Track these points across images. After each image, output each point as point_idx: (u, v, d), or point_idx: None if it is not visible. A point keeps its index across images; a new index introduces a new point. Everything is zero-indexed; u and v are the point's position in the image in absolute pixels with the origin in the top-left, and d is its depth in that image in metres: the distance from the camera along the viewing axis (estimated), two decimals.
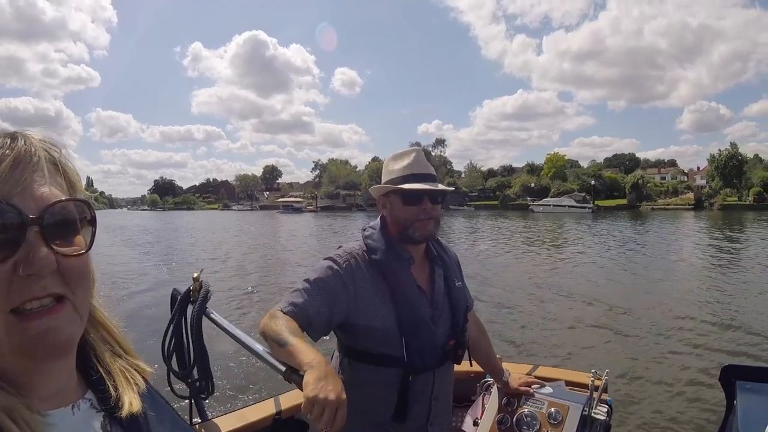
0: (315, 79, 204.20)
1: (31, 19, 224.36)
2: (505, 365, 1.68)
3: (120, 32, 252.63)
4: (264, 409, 1.74)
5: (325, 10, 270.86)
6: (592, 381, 1.53)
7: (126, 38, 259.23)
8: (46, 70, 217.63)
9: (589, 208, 57.96)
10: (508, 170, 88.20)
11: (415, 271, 1.35)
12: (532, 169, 79.48)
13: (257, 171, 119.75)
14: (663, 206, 61.35)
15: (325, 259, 1.32)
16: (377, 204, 1.41)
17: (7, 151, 0.40)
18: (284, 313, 1.18)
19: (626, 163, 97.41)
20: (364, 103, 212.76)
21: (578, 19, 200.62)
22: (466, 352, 1.44)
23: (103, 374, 0.50)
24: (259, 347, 1.22)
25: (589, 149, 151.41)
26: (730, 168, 61.44)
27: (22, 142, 0.41)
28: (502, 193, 74.43)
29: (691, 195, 63.62)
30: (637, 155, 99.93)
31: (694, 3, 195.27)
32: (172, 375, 1.54)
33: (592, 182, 67.77)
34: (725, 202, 58.14)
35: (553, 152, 77.76)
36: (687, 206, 59.71)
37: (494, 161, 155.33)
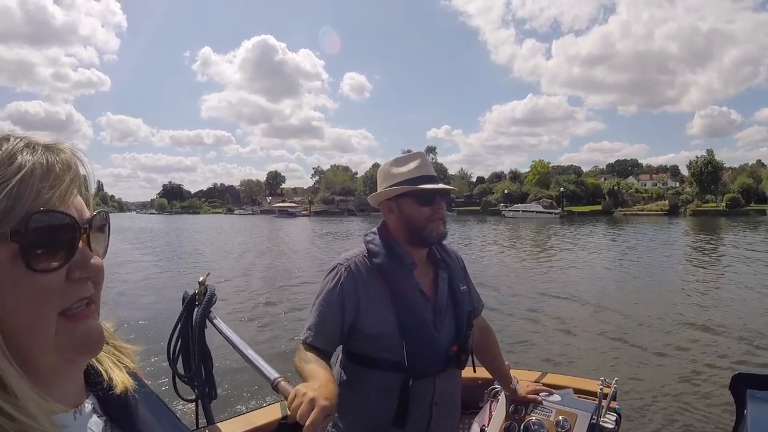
0: (324, 84, 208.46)
1: (41, 23, 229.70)
2: (512, 372, 1.67)
3: (130, 37, 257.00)
4: (270, 414, 1.74)
5: (333, 14, 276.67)
6: (601, 389, 1.52)
7: (136, 43, 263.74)
8: (56, 74, 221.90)
9: (556, 213, 60.26)
10: (499, 176, 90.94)
11: (418, 276, 1.35)
12: (515, 176, 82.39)
13: (266, 176, 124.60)
14: (636, 212, 63.14)
15: (328, 273, 1.34)
16: (381, 209, 1.40)
17: (64, 166, 0.43)
18: (305, 342, 1.27)
19: (628, 168, 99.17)
20: (373, 108, 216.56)
21: (588, 23, 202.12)
22: (470, 358, 1.45)
23: (93, 362, 0.52)
24: (252, 354, 1.27)
25: (599, 154, 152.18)
26: (706, 174, 63.11)
27: (72, 158, 0.44)
28: (485, 199, 77.18)
29: (665, 201, 65.30)
30: (640, 161, 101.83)
31: (705, 7, 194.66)
32: (177, 378, 1.57)
33: (561, 189, 70.06)
34: (697, 209, 59.81)
35: (538, 160, 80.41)
36: (661, 212, 61.37)
37: (503, 167, 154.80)
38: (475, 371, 1.54)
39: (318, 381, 1.04)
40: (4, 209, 0.39)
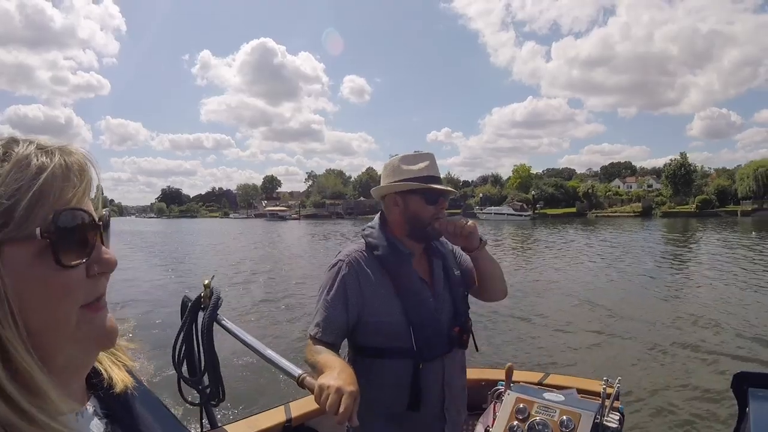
0: (324, 87, 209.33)
1: (40, 26, 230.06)
2: (516, 373, 1.70)
3: (129, 40, 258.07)
4: (274, 417, 1.75)
5: (333, 17, 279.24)
6: (604, 389, 1.53)
7: (135, 46, 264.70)
8: (55, 77, 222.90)
9: (526, 215, 62.63)
10: (486, 180, 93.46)
11: (415, 264, 1.42)
12: (496, 180, 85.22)
13: (262, 180, 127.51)
14: (609, 214, 64.99)
15: (330, 269, 1.38)
16: (384, 202, 1.45)
17: (81, 167, 0.45)
18: (313, 336, 1.32)
19: (621, 171, 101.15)
20: (374, 111, 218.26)
21: (587, 26, 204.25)
22: (472, 338, 1.51)
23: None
24: (271, 353, 1.28)
25: (599, 156, 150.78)
26: (679, 177, 65.16)
27: (83, 159, 0.47)
28: (467, 202, 79.62)
29: (639, 203, 67.33)
30: (641, 163, 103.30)
31: (705, 8, 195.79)
32: (182, 382, 1.56)
33: (533, 192, 72.67)
34: (668, 210, 61.76)
35: (519, 164, 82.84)
36: (633, 214, 63.18)
37: (503, 169, 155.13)
38: (477, 349, 1.57)
39: (335, 369, 1.09)
40: (29, 209, 0.40)
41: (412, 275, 1.39)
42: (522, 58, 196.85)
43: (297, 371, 1.16)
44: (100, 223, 0.46)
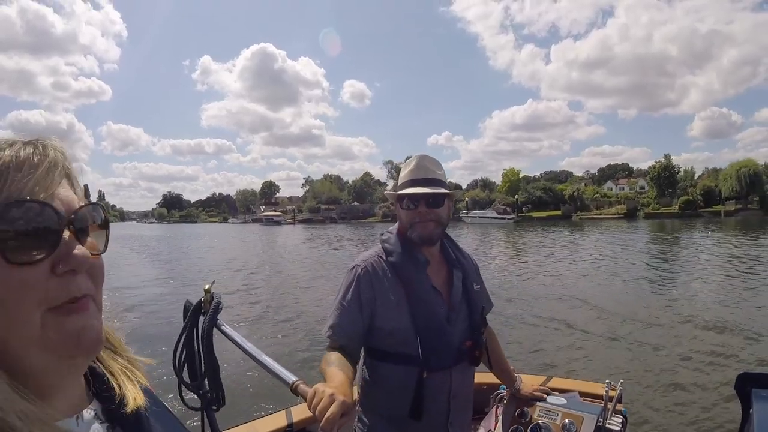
0: (324, 92, 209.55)
1: (41, 32, 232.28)
2: (518, 376, 1.69)
3: (130, 46, 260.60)
4: (275, 421, 1.75)
5: (333, 21, 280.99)
6: (606, 392, 1.52)
7: (136, 52, 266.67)
8: (56, 83, 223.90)
9: (509, 218, 64.22)
10: (475, 184, 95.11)
11: (431, 273, 1.41)
12: (485, 184, 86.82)
13: (260, 185, 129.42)
14: (593, 216, 66.34)
15: (347, 274, 1.41)
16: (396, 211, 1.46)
17: (41, 157, 0.43)
18: (328, 338, 1.35)
19: (618, 173, 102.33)
20: (374, 116, 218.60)
21: (586, 28, 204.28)
22: (486, 356, 1.50)
23: (106, 374, 0.52)
24: (267, 359, 1.27)
25: (600, 158, 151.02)
26: (663, 179, 66.51)
27: (52, 151, 0.44)
28: (458, 206, 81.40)
29: (623, 205, 68.65)
30: (641, 165, 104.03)
31: (703, 8, 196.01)
32: (183, 386, 1.56)
33: (516, 196, 74.35)
34: (651, 212, 63.11)
35: (509, 168, 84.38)
36: (617, 216, 64.52)
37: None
38: (491, 367, 1.58)
39: (335, 382, 1.10)
40: None
41: (424, 283, 1.39)
42: (521, 60, 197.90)
43: (291, 378, 1.17)
44: (72, 216, 0.43)
